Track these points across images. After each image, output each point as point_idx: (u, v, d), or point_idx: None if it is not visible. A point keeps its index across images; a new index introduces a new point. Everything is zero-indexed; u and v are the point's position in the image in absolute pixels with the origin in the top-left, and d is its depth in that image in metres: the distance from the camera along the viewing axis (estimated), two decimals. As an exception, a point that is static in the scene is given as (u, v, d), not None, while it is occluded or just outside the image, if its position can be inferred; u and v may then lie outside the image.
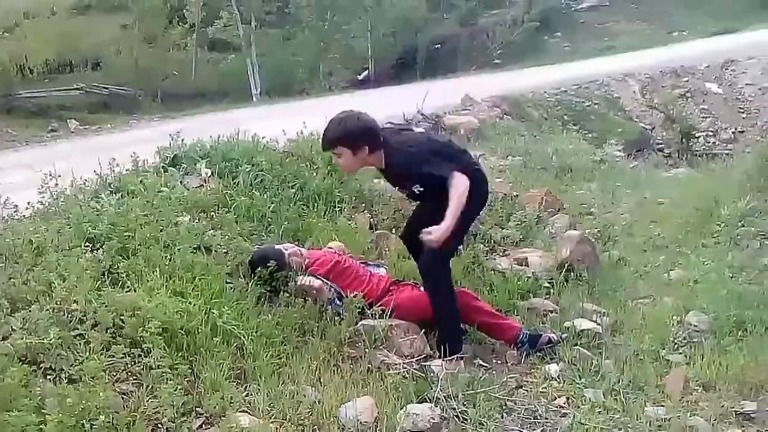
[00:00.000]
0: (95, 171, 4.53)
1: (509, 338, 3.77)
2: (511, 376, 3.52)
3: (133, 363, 2.82)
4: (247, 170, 4.81)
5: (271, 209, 4.54)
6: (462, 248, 4.60)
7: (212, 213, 4.28)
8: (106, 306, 2.96)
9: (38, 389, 2.48)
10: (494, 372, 3.57)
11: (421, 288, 3.82)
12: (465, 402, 3.13)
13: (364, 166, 3.68)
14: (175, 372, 2.82)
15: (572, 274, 4.71)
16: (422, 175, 3.50)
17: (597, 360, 3.62)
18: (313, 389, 3.07)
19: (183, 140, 5.18)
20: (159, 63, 22.99)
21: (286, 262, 3.78)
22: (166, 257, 3.51)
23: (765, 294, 4.32)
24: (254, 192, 4.63)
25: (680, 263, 5.20)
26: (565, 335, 3.84)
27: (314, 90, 21.04)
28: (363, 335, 3.51)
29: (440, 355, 3.55)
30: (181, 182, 4.66)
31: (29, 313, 2.83)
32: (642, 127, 15.38)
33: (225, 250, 3.81)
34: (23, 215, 4.01)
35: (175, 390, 2.67)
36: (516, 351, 3.74)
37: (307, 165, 5.27)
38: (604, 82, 16.69)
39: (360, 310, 3.64)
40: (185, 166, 4.92)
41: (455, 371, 3.37)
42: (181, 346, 3.00)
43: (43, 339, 2.69)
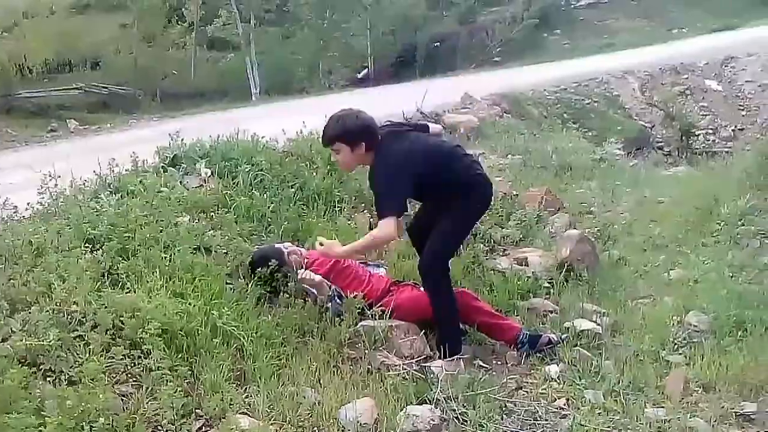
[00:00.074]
0: (95, 171, 4.54)
1: (509, 339, 3.77)
2: (511, 377, 3.52)
3: (133, 364, 2.82)
4: (247, 170, 4.82)
5: (271, 209, 4.54)
6: (462, 248, 4.61)
7: (212, 213, 4.28)
8: (106, 307, 2.97)
9: (38, 391, 2.48)
10: (494, 373, 3.57)
11: (421, 288, 3.82)
12: (465, 403, 3.13)
13: (361, 164, 3.70)
14: (175, 373, 2.82)
15: (572, 274, 4.71)
16: (374, 195, 3.64)
17: (597, 361, 3.62)
18: (313, 390, 3.07)
19: (182, 140, 5.18)
20: (158, 62, 22.93)
21: (286, 260, 3.78)
22: (166, 258, 3.51)
23: (765, 294, 4.31)
24: (254, 192, 4.63)
25: (680, 262, 5.19)
26: (565, 336, 3.84)
27: (314, 88, 21.00)
28: (363, 336, 3.52)
29: (440, 356, 3.55)
30: (181, 182, 4.66)
31: (29, 315, 2.84)
32: (642, 125, 15.35)
33: (225, 251, 3.82)
34: (23, 216, 4.01)
35: (175, 391, 2.67)
36: (516, 352, 3.74)
37: (307, 165, 5.27)
38: (604, 80, 16.66)
39: (360, 311, 3.64)
40: (185, 166, 4.92)
41: (455, 372, 3.37)
42: (181, 348, 3.00)
43: (43, 340, 2.69)
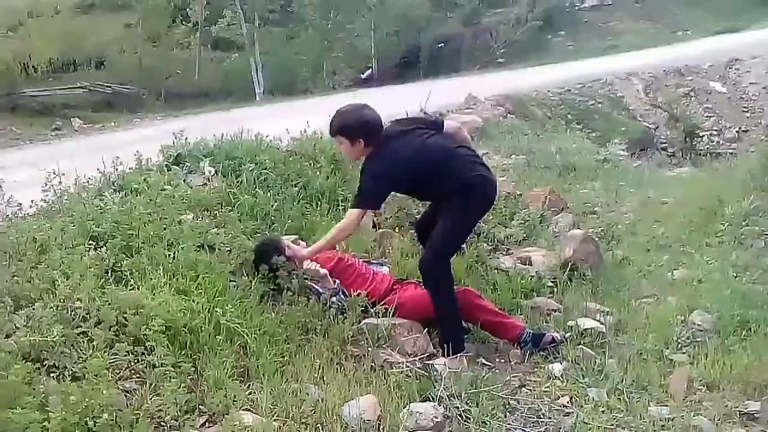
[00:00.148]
0: (99, 169, 4.54)
1: (513, 337, 3.77)
2: (515, 375, 3.52)
3: (137, 361, 2.83)
4: (251, 169, 4.82)
5: (275, 208, 4.54)
6: (466, 247, 4.61)
7: (215, 211, 4.28)
8: (110, 304, 2.97)
9: (41, 387, 2.48)
10: (497, 371, 3.56)
11: (423, 286, 3.82)
12: (468, 401, 3.12)
13: (363, 156, 3.73)
14: (178, 370, 2.82)
15: (576, 273, 4.70)
16: (358, 185, 3.71)
17: (600, 359, 3.61)
18: (316, 388, 3.07)
19: (186, 139, 5.18)
20: (162, 62, 22.95)
21: (283, 246, 3.81)
22: (170, 255, 3.51)
23: (769, 293, 4.31)
24: (257, 190, 4.63)
25: (684, 263, 5.18)
26: (569, 334, 3.83)
27: (318, 89, 21.03)
28: (366, 334, 3.52)
29: (443, 354, 3.55)
30: (185, 181, 4.65)
31: (33, 311, 2.84)
32: (646, 126, 15.36)
33: (228, 249, 3.81)
34: (27, 213, 4.00)
35: (178, 388, 2.67)
36: (519, 350, 3.73)
37: (311, 164, 5.27)
38: (608, 81, 16.67)
39: (363, 309, 3.64)
40: (189, 165, 4.92)
41: (458, 370, 3.36)
42: (185, 344, 3.00)
43: (47, 337, 2.70)
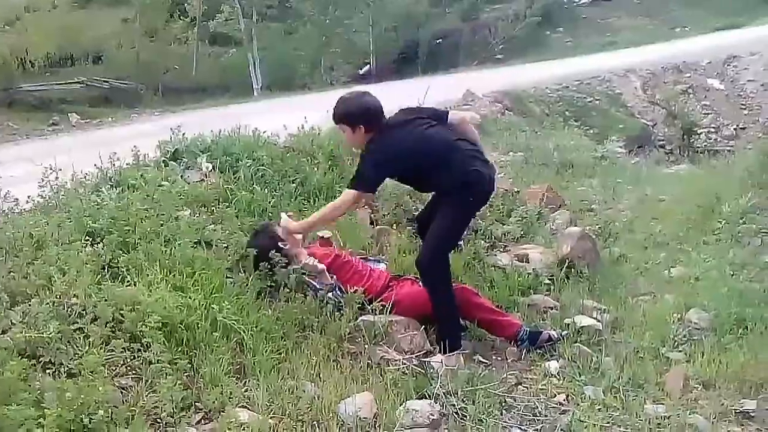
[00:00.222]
0: (96, 165, 4.53)
1: (509, 335, 3.76)
2: (511, 373, 3.52)
3: (133, 357, 2.82)
4: (248, 165, 4.81)
5: (272, 204, 4.54)
6: (463, 244, 4.60)
7: (213, 207, 4.28)
8: (106, 300, 2.96)
9: (37, 383, 2.48)
10: (494, 369, 3.57)
11: (421, 283, 3.82)
12: (464, 398, 3.13)
13: (365, 143, 3.76)
14: (175, 367, 2.81)
15: (573, 271, 4.70)
16: (356, 168, 3.74)
17: (597, 357, 3.62)
18: (313, 385, 3.06)
19: (184, 134, 5.17)
20: (160, 57, 22.88)
21: (276, 231, 3.83)
22: (167, 251, 3.50)
23: (766, 292, 4.32)
24: (255, 187, 4.62)
25: (681, 260, 5.19)
26: (566, 332, 3.83)
27: (315, 84, 20.99)
28: (363, 331, 3.51)
29: (440, 351, 3.55)
30: (182, 176, 4.65)
31: (29, 307, 2.83)
32: (643, 123, 15.36)
33: (225, 245, 3.80)
34: (24, 209, 4.01)
35: (175, 385, 2.66)
36: (516, 348, 3.74)
37: (308, 160, 5.27)
38: (606, 78, 16.67)
39: (360, 306, 3.64)
40: (186, 161, 4.91)
41: (455, 367, 3.36)
42: (181, 341, 3.00)
43: (43, 333, 2.69)
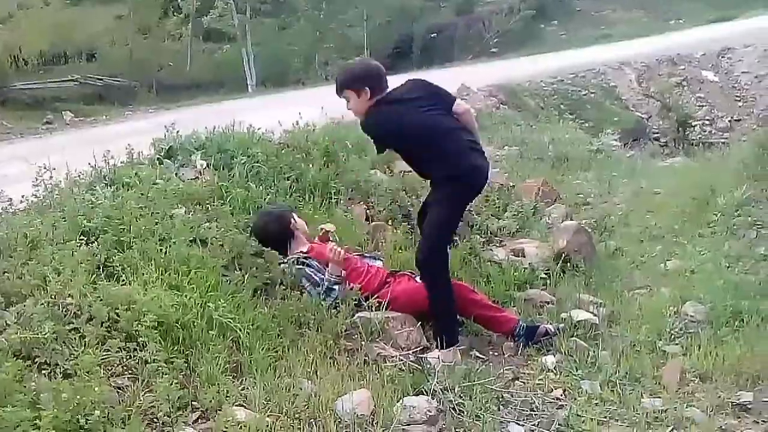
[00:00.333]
0: (90, 163, 4.50)
1: (506, 331, 3.77)
2: (508, 368, 3.53)
3: (129, 357, 2.80)
4: (243, 162, 4.78)
5: (267, 201, 4.52)
6: (458, 240, 4.60)
7: (208, 205, 4.25)
8: (101, 300, 2.94)
9: (33, 384, 2.46)
10: (491, 364, 3.56)
11: (418, 278, 3.81)
12: (461, 394, 3.13)
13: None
14: (171, 366, 2.80)
15: (569, 265, 4.71)
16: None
17: (594, 351, 3.62)
18: (310, 382, 3.06)
19: (178, 132, 5.13)
20: (154, 54, 22.88)
21: (291, 221, 3.99)
22: (162, 250, 3.48)
23: (762, 284, 4.32)
24: (250, 184, 4.60)
25: (677, 253, 5.20)
26: (562, 326, 3.84)
27: (310, 80, 20.94)
28: (359, 327, 3.51)
29: (437, 347, 3.55)
30: (177, 174, 4.62)
31: (24, 308, 2.82)
32: (638, 116, 15.36)
33: (221, 243, 3.78)
34: (17, 208, 3.98)
35: (171, 384, 2.66)
36: (513, 343, 3.74)
37: (303, 156, 5.24)
38: (601, 71, 16.66)
39: (356, 303, 3.63)
40: (180, 158, 4.88)
41: (452, 363, 3.36)
42: (177, 340, 2.98)
43: (38, 333, 2.68)
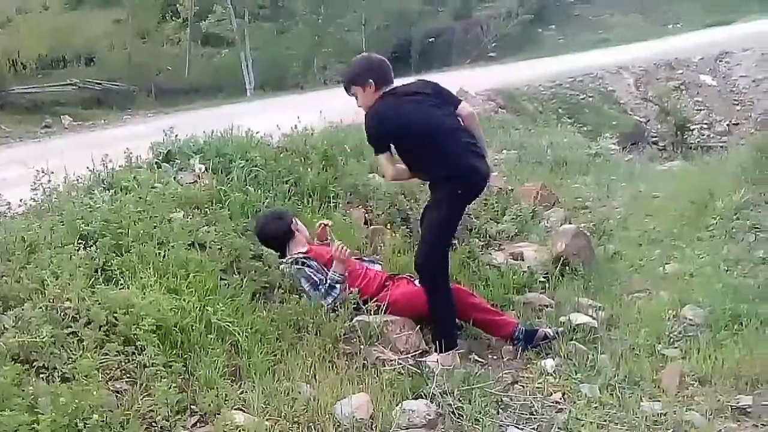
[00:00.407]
0: (88, 167, 4.50)
1: (505, 335, 3.77)
2: (507, 372, 3.53)
3: (127, 361, 2.80)
4: (241, 166, 4.79)
5: (266, 205, 4.52)
6: (456, 243, 4.60)
7: (206, 209, 4.25)
8: (100, 303, 2.94)
9: (31, 388, 2.45)
10: (490, 368, 3.57)
11: (416, 282, 3.81)
12: (461, 398, 3.12)
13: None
14: (169, 370, 2.80)
15: (568, 269, 4.71)
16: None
17: (593, 355, 3.62)
18: (308, 386, 3.06)
19: (176, 136, 5.13)
20: (152, 58, 22.82)
21: (292, 222, 4.02)
22: (160, 254, 3.48)
23: (760, 287, 4.32)
24: (248, 187, 4.60)
25: (675, 257, 5.20)
26: (561, 329, 3.83)
27: (308, 84, 20.97)
28: (358, 331, 3.51)
29: (436, 350, 3.55)
30: (175, 178, 4.61)
31: (22, 311, 2.81)
32: (636, 120, 15.41)
33: (219, 247, 3.78)
34: (16, 212, 3.97)
35: (170, 388, 2.65)
36: (512, 346, 3.73)
37: (302, 160, 5.25)
38: (599, 75, 16.71)
39: (355, 306, 3.63)
40: (179, 162, 4.88)
41: (451, 367, 3.36)
42: (175, 344, 2.98)
43: (36, 337, 2.67)
